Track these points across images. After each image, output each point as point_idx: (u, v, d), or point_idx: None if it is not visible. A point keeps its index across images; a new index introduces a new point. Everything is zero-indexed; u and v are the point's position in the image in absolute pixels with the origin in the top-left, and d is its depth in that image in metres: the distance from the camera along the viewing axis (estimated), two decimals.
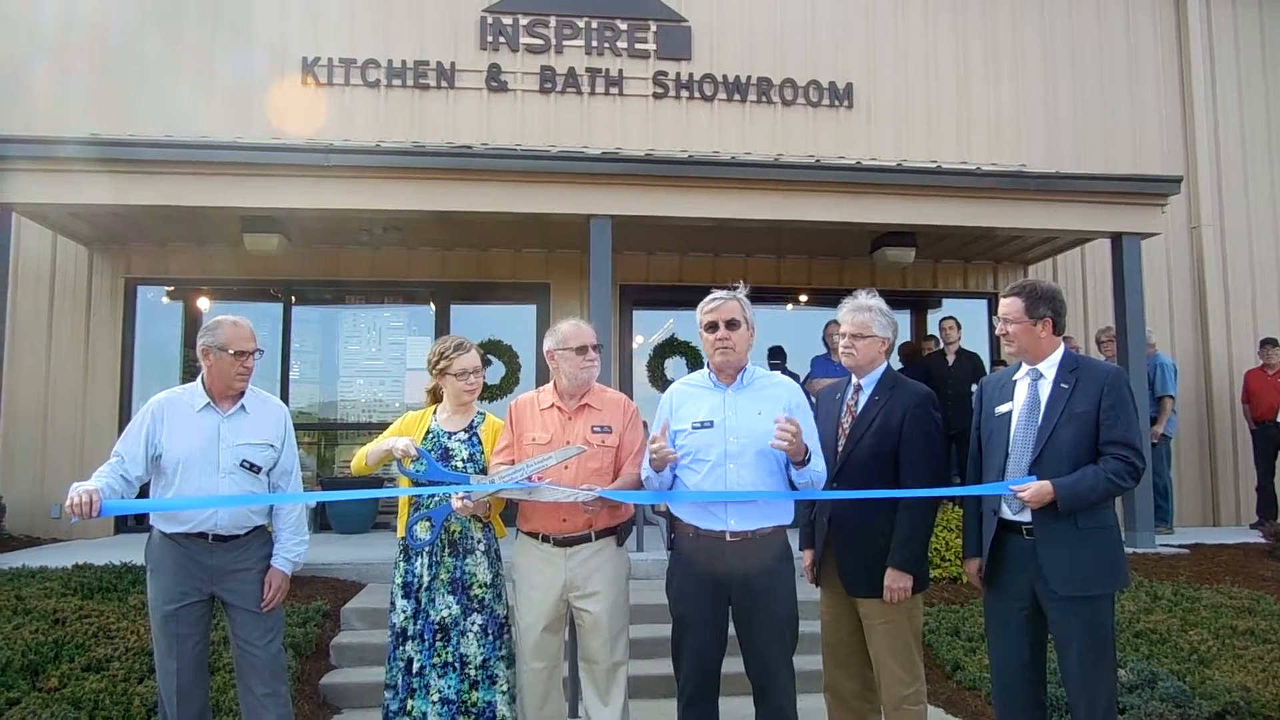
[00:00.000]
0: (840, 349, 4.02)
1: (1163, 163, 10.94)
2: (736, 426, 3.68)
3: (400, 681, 3.98)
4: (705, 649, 3.70)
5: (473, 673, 3.96)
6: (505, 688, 4.00)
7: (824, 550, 3.96)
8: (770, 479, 3.69)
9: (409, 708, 3.94)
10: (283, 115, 9.68)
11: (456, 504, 3.78)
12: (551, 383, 4.08)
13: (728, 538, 3.64)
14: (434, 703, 3.93)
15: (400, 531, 4.09)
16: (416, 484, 3.95)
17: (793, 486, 3.70)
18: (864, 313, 3.98)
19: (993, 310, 10.40)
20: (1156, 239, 9.28)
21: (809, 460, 3.57)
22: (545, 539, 3.91)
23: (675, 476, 3.77)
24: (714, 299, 3.81)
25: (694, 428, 3.72)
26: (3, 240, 7.74)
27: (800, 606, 3.79)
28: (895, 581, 3.75)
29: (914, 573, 3.79)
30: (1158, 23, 11.49)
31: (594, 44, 10.53)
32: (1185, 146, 11.29)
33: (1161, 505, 9.15)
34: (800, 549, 4.10)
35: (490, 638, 4.00)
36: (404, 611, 4.02)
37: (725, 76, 10.67)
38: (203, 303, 10.06)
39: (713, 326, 3.76)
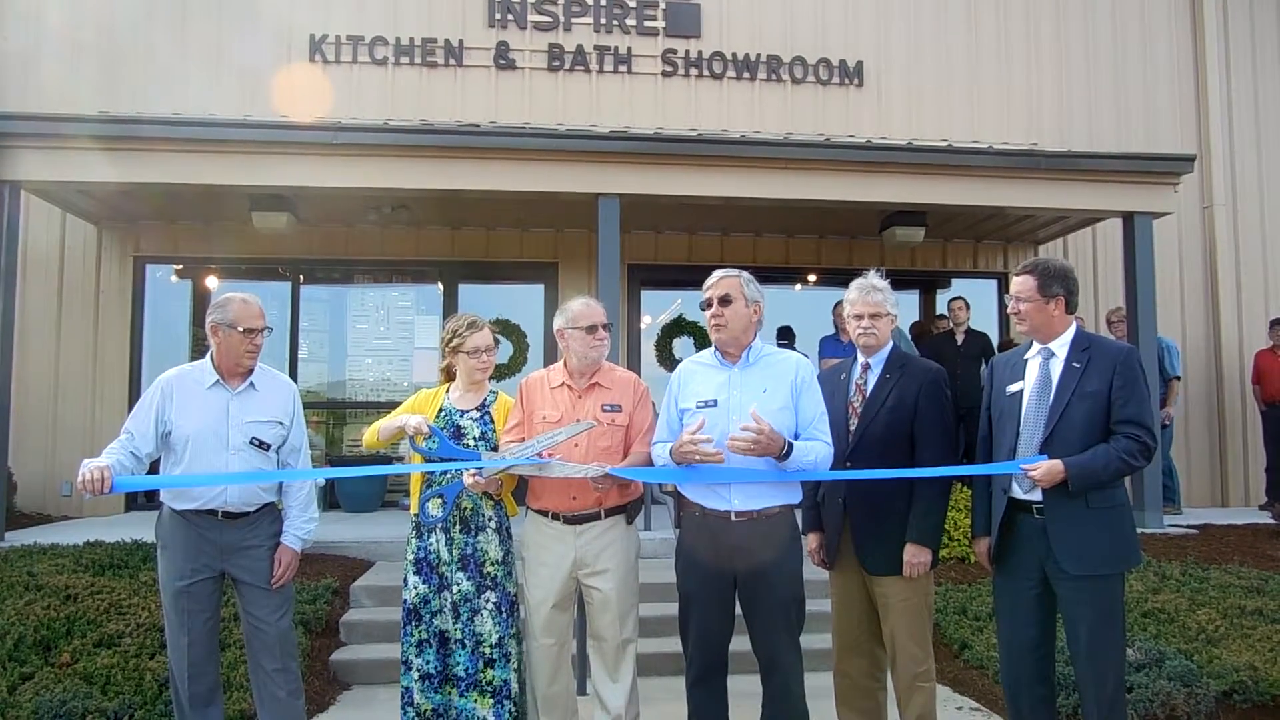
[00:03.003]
0: (859, 331, 4.00)
1: (1176, 142, 10.85)
2: (740, 405, 3.65)
3: (424, 658, 4.00)
4: (711, 628, 3.70)
5: (489, 651, 3.97)
6: (516, 665, 4.02)
7: (838, 531, 3.95)
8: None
9: (445, 680, 3.97)
10: (291, 95, 9.64)
11: (468, 480, 3.79)
12: (562, 361, 4.08)
13: (733, 517, 3.63)
14: (459, 678, 3.97)
15: (413, 508, 4.10)
16: (429, 461, 3.95)
17: None
18: (877, 293, 3.98)
19: (1003, 290, 10.41)
20: (1168, 218, 9.20)
21: (789, 453, 3.51)
22: (555, 516, 3.91)
23: None
24: (713, 276, 3.82)
25: (698, 406, 3.71)
26: (12, 218, 7.73)
27: (806, 585, 3.78)
28: (915, 556, 3.78)
29: (932, 547, 3.81)
30: (1172, 0, 11.36)
31: (602, 21, 10.46)
32: (1199, 125, 11.18)
33: (1167, 484, 9.15)
34: (804, 532, 4.08)
35: (503, 615, 4.02)
36: (414, 588, 4.04)
37: (734, 54, 10.60)
38: (211, 281, 10.08)
39: (708, 303, 3.77)
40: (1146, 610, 5.88)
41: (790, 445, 3.52)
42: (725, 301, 3.72)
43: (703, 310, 3.81)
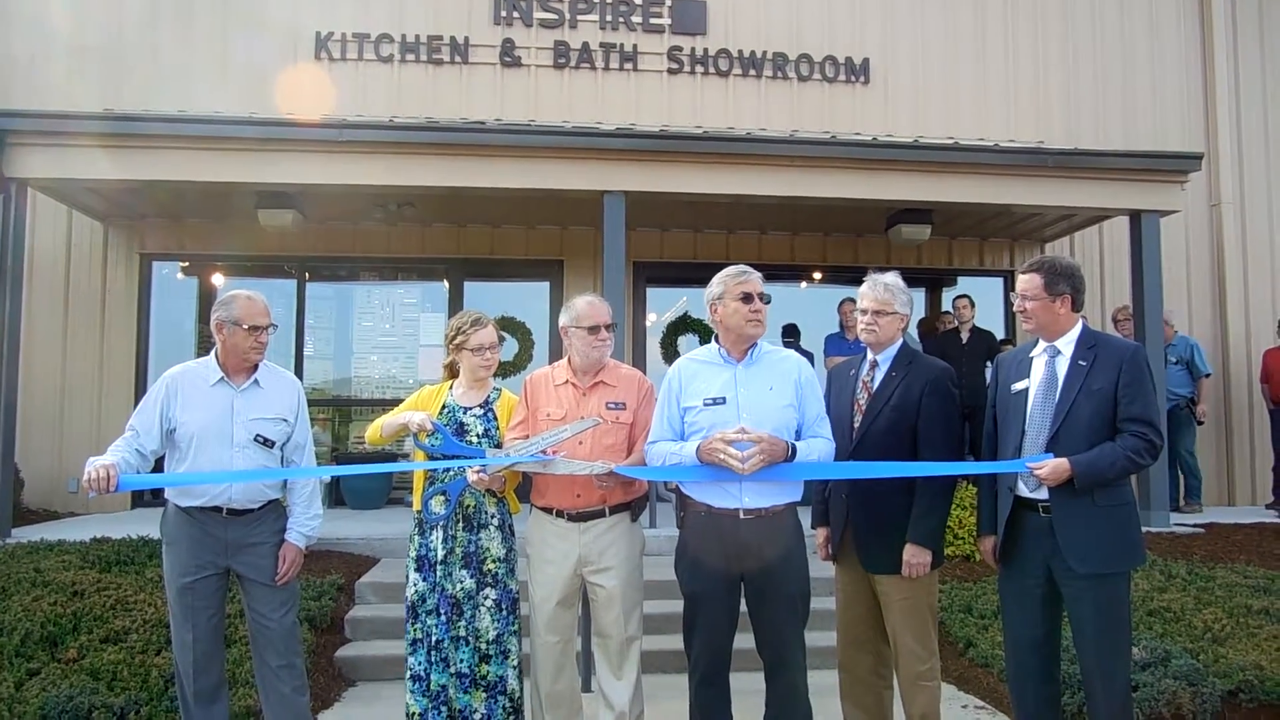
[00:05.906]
0: (862, 326, 4.00)
1: (1183, 139, 10.81)
2: (748, 403, 3.65)
3: (418, 655, 4.01)
4: (718, 627, 3.69)
5: (484, 646, 3.99)
6: (516, 662, 4.03)
7: (842, 527, 3.95)
8: None
9: (430, 682, 3.97)
10: (296, 92, 9.64)
11: (472, 477, 3.79)
12: (566, 359, 4.08)
13: (742, 515, 3.61)
14: (452, 675, 3.96)
15: (416, 505, 4.10)
16: (432, 458, 3.96)
17: None
18: (886, 290, 3.97)
19: (1009, 288, 10.37)
20: (1175, 216, 9.17)
21: (793, 455, 3.54)
22: (559, 514, 3.91)
23: None
24: (746, 271, 3.75)
25: (705, 404, 3.68)
26: (19, 216, 7.75)
27: (811, 583, 3.77)
28: (914, 557, 3.75)
29: (933, 548, 3.79)
30: None
31: (608, 19, 10.45)
32: (1206, 123, 11.13)
33: (1192, 482, 9.24)
34: (813, 527, 4.09)
35: (504, 613, 4.03)
36: (415, 585, 4.05)
37: (740, 52, 10.58)
38: (217, 278, 10.09)
39: (748, 298, 3.69)
40: (1152, 609, 5.86)
41: (793, 448, 3.54)
42: (764, 299, 3.72)
43: (743, 304, 3.68)
